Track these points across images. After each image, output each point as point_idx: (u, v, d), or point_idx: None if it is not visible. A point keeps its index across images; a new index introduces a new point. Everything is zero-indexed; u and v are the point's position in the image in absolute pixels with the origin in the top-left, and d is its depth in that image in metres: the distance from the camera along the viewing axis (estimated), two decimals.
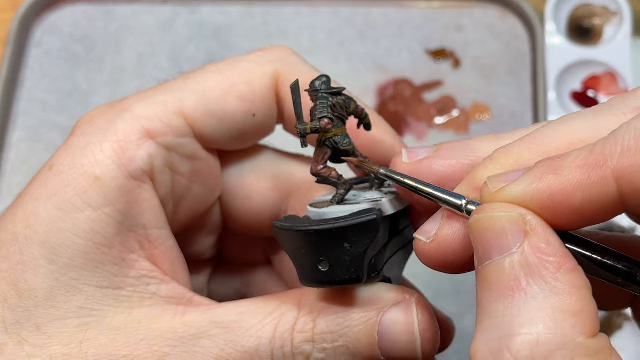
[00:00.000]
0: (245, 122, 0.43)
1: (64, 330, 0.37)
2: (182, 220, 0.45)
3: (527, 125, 0.73)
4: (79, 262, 0.38)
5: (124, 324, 0.38)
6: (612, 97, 0.34)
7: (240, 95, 0.42)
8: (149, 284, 0.40)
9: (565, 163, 0.31)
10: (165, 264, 0.41)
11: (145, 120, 0.40)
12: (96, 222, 0.39)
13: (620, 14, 0.75)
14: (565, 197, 0.30)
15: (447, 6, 0.79)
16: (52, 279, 0.38)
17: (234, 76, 0.43)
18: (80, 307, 0.38)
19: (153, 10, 0.80)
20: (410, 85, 0.76)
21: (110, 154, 0.39)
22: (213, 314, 0.38)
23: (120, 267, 0.39)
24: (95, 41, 0.79)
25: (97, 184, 0.39)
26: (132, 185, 0.40)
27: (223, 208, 0.47)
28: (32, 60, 0.79)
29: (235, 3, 0.80)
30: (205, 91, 0.42)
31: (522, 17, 0.78)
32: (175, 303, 0.39)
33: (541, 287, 0.29)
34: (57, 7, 0.80)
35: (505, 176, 0.33)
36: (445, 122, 0.75)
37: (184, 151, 0.42)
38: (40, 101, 0.77)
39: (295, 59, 0.45)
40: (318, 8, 0.80)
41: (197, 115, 0.42)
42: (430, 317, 0.37)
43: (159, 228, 0.41)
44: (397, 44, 0.78)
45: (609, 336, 0.66)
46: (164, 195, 0.42)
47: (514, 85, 0.76)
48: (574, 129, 0.33)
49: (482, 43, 0.78)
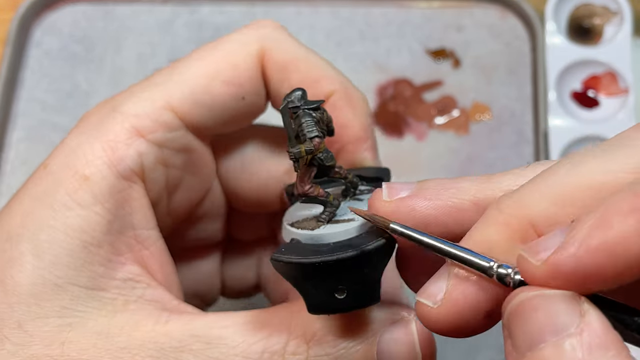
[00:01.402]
0: (236, 106, 0.43)
1: (46, 329, 0.37)
2: (179, 210, 0.45)
3: (528, 125, 0.73)
4: (65, 260, 0.38)
5: (106, 328, 0.37)
6: (622, 132, 0.31)
7: (227, 80, 0.42)
8: (134, 287, 0.39)
9: (611, 212, 0.27)
10: (155, 264, 0.41)
11: (134, 118, 0.41)
12: (85, 221, 0.38)
13: (620, 13, 0.75)
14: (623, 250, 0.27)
15: (447, 6, 0.79)
16: (36, 276, 0.38)
17: (218, 61, 0.43)
18: (64, 306, 0.38)
19: (153, 10, 0.80)
20: (410, 85, 0.76)
21: (100, 154, 0.40)
22: (195, 325, 0.37)
23: (107, 268, 0.39)
24: (95, 41, 0.79)
25: (86, 184, 0.39)
26: (122, 185, 0.40)
27: (227, 190, 0.47)
28: (32, 60, 0.79)
29: (235, 3, 0.80)
30: (190, 81, 0.42)
31: (522, 17, 0.78)
32: (159, 308, 0.39)
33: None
34: (56, 7, 0.80)
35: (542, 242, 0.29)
36: (445, 122, 0.75)
37: (176, 145, 0.42)
38: (40, 101, 0.77)
39: (280, 34, 0.44)
40: (318, 8, 0.80)
41: (186, 107, 0.42)
42: (429, 333, 0.37)
43: (148, 229, 0.41)
44: (397, 44, 0.78)
45: None
46: (158, 191, 0.42)
47: (514, 85, 0.76)
48: (589, 173, 0.29)
49: (482, 43, 0.78)
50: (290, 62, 0.43)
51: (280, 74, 0.43)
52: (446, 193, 0.33)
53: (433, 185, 0.34)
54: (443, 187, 0.34)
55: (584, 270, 0.27)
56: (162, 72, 0.43)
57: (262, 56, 0.43)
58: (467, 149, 0.73)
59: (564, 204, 0.29)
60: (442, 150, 0.73)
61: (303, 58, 0.44)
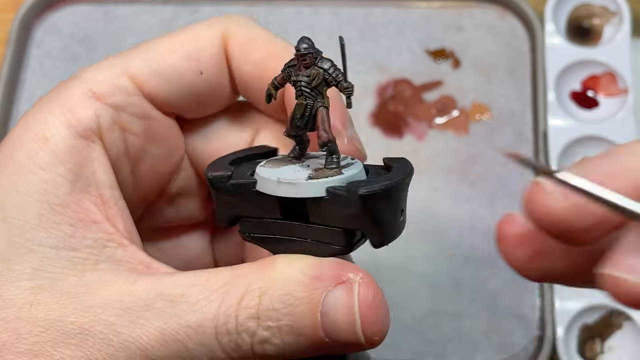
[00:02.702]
0: (195, 81, 0.43)
1: (18, 292, 0.38)
2: (145, 182, 0.45)
3: (528, 125, 0.74)
4: (34, 223, 0.38)
5: (74, 288, 0.38)
6: None
7: (186, 54, 0.43)
8: (105, 246, 0.40)
9: None
10: (120, 224, 0.41)
11: (93, 83, 0.42)
12: (48, 183, 0.39)
13: (619, 14, 0.75)
14: None
15: (447, 6, 0.80)
16: (5, 241, 0.38)
17: (182, 37, 0.44)
18: (35, 268, 0.38)
19: (154, 11, 0.80)
20: (410, 85, 0.76)
21: (59, 116, 0.40)
22: (162, 285, 0.38)
23: (76, 228, 0.39)
24: (96, 41, 0.79)
25: (46, 145, 0.40)
26: (82, 145, 0.40)
27: (196, 167, 0.48)
28: (33, 60, 0.79)
29: (235, 3, 0.81)
30: (151, 52, 0.43)
31: (522, 17, 0.78)
32: (129, 269, 0.39)
33: None
34: (57, 7, 0.81)
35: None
36: (445, 122, 0.75)
37: (134, 110, 0.43)
38: None
39: (246, 21, 0.45)
40: (318, 8, 0.80)
41: (144, 75, 0.42)
42: (374, 299, 0.36)
43: (111, 188, 0.41)
44: (397, 44, 0.78)
45: (609, 336, 0.66)
46: (116, 154, 0.42)
47: (514, 85, 0.76)
48: None
49: (481, 43, 0.78)
50: (251, 42, 0.44)
51: (242, 52, 0.44)
52: None
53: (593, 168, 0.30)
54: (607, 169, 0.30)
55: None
56: (131, 48, 0.44)
57: (226, 37, 0.44)
58: (467, 149, 0.73)
59: None
60: (442, 150, 0.74)
61: (266, 38, 0.44)
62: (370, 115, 0.75)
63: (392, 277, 0.69)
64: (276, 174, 0.38)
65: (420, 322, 0.67)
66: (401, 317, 0.67)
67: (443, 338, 0.67)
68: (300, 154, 0.40)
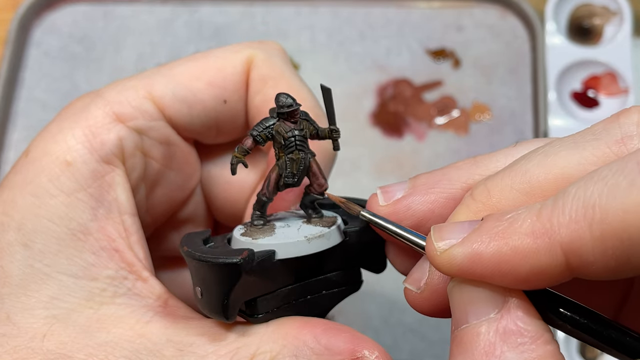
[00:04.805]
0: (216, 108, 0.43)
1: (32, 321, 0.37)
2: (159, 207, 0.45)
3: (528, 125, 0.73)
4: (54, 248, 0.38)
5: (88, 321, 0.37)
6: (596, 124, 0.33)
7: (210, 81, 0.42)
8: (126, 277, 0.39)
9: (512, 228, 0.29)
10: (141, 252, 0.40)
11: (116, 105, 0.41)
12: (70, 208, 0.38)
13: (620, 14, 0.75)
14: (513, 267, 0.29)
15: (447, 6, 0.79)
16: (26, 265, 0.38)
17: (206, 62, 0.43)
18: (52, 297, 0.37)
19: (153, 10, 0.80)
20: (410, 85, 0.76)
21: (81, 139, 0.39)
22: (173, 331, 0.37)
23: (98, 257, 0.38)
24: (95, 41, 0.79)
25: (69, 170, 0.39)
26: (105, 170, 0.40)
27: (207, 200, 0.47)
28: (32, 60, 0.79)
29: (235, 3, 0.80)
30: (175, 77, 0.42)
31: (522, 17, 0.78)
32: (145, 305, 0.38)
33: (516, 356, 0.29)
34: (56, 7, 0.80)
35: (451, 229, 0.31)
36: (445, 122, 0.75)
37: (156, 135, 0.42)
38: (40, 101, 0.77)
39: (273, 52, 0.44)
40: (318, 8, 0.80)
41: (166, 99, 0.42)
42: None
43: (132, 215, 0.41)
44: (397, 44, 0.78)
45: None
46: (136, 178, 0.42)
47: (514, 85, 0.76)
48: (559, 164, 0.31)
49: (482, 43, 0.78)
50: (271, 77, 0.43)
51: (258, 85, 0.43)
52: (438, 185, 0.35)
53: (424, 181, 0.36)
54: (434, 180, 0.35)
55: (474, 272, 0.30)
56: (153, 69, 0.43)
57: (249, 67, 0.43)
58: (467, 149, 0.73)
59: (534, 194, 0.31)
60: (442, 151, 0.73)
61: (285, 77, 0.43)
62: (370, 115, 0.75)
63: (392, 277, 0.69)
64: (292, 237, 0.37)
65: (421, 322, 0.67)
66: (402, 317, 0.67)
67: (443, 339, 0.67)
68: (265, 219, 0.39)
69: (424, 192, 0.35)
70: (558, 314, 0.31)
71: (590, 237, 0.28)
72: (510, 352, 0.29)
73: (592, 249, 0.28)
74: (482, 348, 0.29)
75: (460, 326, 0.31)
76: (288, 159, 0.37)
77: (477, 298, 0.30)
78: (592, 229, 0.28)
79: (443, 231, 0.31)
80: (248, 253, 0.35)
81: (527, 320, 0.30)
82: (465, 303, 0.31)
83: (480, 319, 0.30)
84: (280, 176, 0.37)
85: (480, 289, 0.30)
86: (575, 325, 0.31)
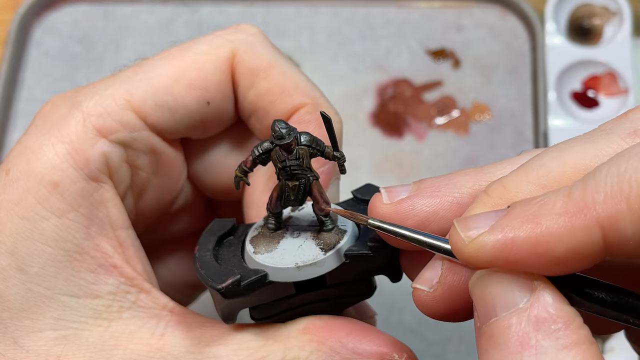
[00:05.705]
0: (200, 110, 0.42)
1: (42, 343, 0.36)
2: (148, 211, 0.44)
3: (528, 125, 0.73)
4: (52, 271, 0.37)
5: (101, 340, 0.37)
6: (604, 123, 0.33)
7: (191, 83, 0.41)
8: (128, 292, 0.38)
9: (544, 210, 0.29)
10: (139, 265, 0.40)
11: (95, 117, 0.39)
12: (63, 229, 0.37)
13: (620, 14, 0.75)
14: (548, 248, 0.28)
15: (447, 6, 0.79)
16: (24, 289, 0.37)
17: (185, 62, 0.41)
18: (57, 318, 0.37)
19: (153, 10, 0.80)
20: (410, 85, 0.76)
21: (65, 157, 0.38)
22: (191, 341, 0.37)
23: (97, 274, 0.38)
24: (95, 41, 0.79)
25: (57, 190, 0.38)
26: (93, 187, 0.39)
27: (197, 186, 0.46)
28: (32, 60, 0.79)
29: (235, 3, 0.80)
30: (153, 81, 0.41)
31: (522, 17, 0.78)
32: (154, 316, 0.38)
33: (552, 343, 0.28)
34: (56, 7, 0.80)
35: (477, 218, 0.30)
36: (445, 122, 0.75)
37: (140, 145, 0.41)
38: (40, 101, 0.76)
39: (256, 39, 0.42)
40: (318, 8, 0.80)
41: (147, 107, 0.40)
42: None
43: (126, 228, 0.40)
44: (397, 44, 0.78)
45: (608, 337, 0.66)
46: (124, 189, 0.41)
47: (514, 85, 0.76)
48: (575, 157, 0.31)
49: (482, 43, 0.78)
50: (260, 69, 0.42)
51: (249, 79, 0.42)
52: (444, 189, 0.34)
53: (430, 183, 0.35)
54: (440, 184, 0.35)
55: (507, 258, 0.29)
56: (128, 70, 0.42)
57: (233, 60, 0.42)
58: (467, 149, 0.73)
59: (551, 187, 0.31)
60: (442, 151, 0.73)
61: (275, 66, 0.42)
62: (370, 115, 0.75)
63: None
64: (286, 259, 0.36)
65: (421, 323, 0.67)
66: (402, 317, 0.67)
67: (443, 339, 0.67)
68: (278, 223, 0.38)
69: (429, 194, 0.34)
70: (585, 294, 0.31)
71: (628, 211, 0.27)
72: (546, 340, 0.28)
73: (630, 223, 0.27)
74: (516, 340, 0.28)
75: (488, 320, 0.30)
76: (286, 185, 0.37)
77: (504, 289, 0.29)
78: (630, 203, 0.27)
79: (468, 221, 0.30)
80: (232, 281, 0.35)
81: (557, 306, 0.29)
82: (492, 296, 0.30)
83: (509, 311, 0.29)
84: (281, 197, 0.37)
85: (506, 280, 0.29)
86: (604, 304, 0.31)
